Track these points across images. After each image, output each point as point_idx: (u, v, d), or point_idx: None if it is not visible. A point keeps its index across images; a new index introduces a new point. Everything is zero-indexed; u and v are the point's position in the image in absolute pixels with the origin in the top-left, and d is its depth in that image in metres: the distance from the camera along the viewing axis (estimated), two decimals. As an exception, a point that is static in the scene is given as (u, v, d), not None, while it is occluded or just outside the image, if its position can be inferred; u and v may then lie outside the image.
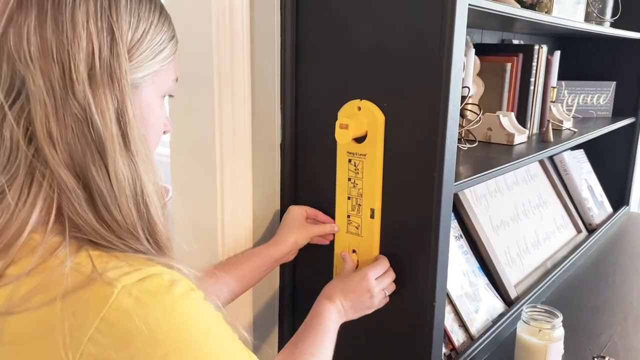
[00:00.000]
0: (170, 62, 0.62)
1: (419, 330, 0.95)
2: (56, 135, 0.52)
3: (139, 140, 0.56)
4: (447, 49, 0.84)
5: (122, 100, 0.54)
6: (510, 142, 1.40)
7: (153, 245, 0.57)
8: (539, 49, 1.50)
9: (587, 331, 1.30)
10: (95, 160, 0.53)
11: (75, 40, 0.52)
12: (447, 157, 0.88)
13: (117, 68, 0.54)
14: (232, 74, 0.93)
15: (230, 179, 0.95)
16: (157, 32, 0.59)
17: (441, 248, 0.92)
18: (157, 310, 0.50)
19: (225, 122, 0.93)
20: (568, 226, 1.84)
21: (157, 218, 0.57)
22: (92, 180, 0.53)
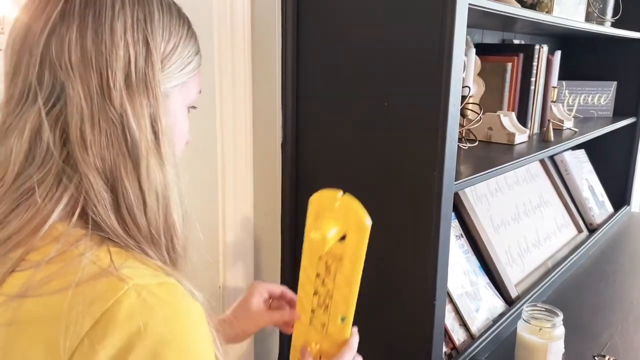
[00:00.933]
0: (195, 74, 0.65)
1: (419, 329, 0.96)
2: (89, 139, 0.54)
3: (169, 146, 0.58)
4: (447, 48, 0.84)
5: (156, 107, 0.57)
6: (510, 141, 1.40)
7: (170, 253, 0.59)
8: (539, 49, 1.50)
9: (587, 330, 1.30)
10: (127, 164, 0.55)
11: (113, 49, 0.55)
12: (447, 156, 0.88)
13: (151, 77, 0.57)
14: (233, 74, 0.93)
15: (232, 179, 0.96)
16: (185, 46, 0.62)
17: (441, 247, 0.92)
18: (160, 317, 0.51)
19: (226, 123, 0.93)
20: (569, 226, 1.84)
21: (179, 224, 0.59)
22: (121, 184, 0.55)
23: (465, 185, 0.98)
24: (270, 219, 1.07)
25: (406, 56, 0.89)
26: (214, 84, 0.91)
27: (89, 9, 0.55)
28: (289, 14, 0.99)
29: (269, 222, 1.07)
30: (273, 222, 1.07)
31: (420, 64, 0.88)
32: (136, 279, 0.51)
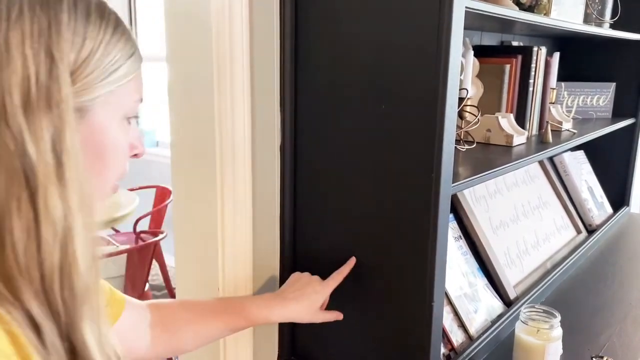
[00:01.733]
0: (129, 81, 0.59)
1: (417, 331, 0.96)
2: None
3: (76, 170, 0.52)
4: (444, 50, 0.85)
5: (60, 127, 0.51)
6: (509, 143, 1.40)
7: (64, 291, 0.52)
8: (537, 51, 1.51)
9: (586, 331, 1.30)
10: (22, 192, 0.49)
11: (9, 64, 0.49)
12: (445, 158, 0.89)
13: (55, 92, 0.51)
14: (231, 77, 0.94)
15: (231, 182, 0.96)
16: (108, 51, 0.56)
17: (439, 249, 0.92)
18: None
19: (224, 125, 0.94)
20: (568, 227, 1.84)
21: (82, 257, 0.52)
22: (9, 215, 0.49)
23: (463, 187, 0.99)
24: (268, 223, 1.07)
25: (403, 58, 0.89)
26: (212, 87, 0.92)
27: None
28: (287, 16, 1.00)
29: (267, 224, 1.07)
30: (272, 224, 1.08)
31: (417, 67, 0.88)
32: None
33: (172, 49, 0.97)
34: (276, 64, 1.02)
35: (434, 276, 0.93)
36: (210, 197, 0.96)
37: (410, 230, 0.94)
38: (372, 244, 1.00)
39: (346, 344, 1.07)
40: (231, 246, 0.99)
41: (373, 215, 0.99)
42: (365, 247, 1.01)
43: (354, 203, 1.01)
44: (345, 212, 1.02)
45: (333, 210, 1.04)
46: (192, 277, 1.03)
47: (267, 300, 0.97)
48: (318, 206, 1.06)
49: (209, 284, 1.00)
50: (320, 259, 1.07)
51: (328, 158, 1.02)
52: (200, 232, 1.00)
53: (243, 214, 1.00)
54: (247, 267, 1.03)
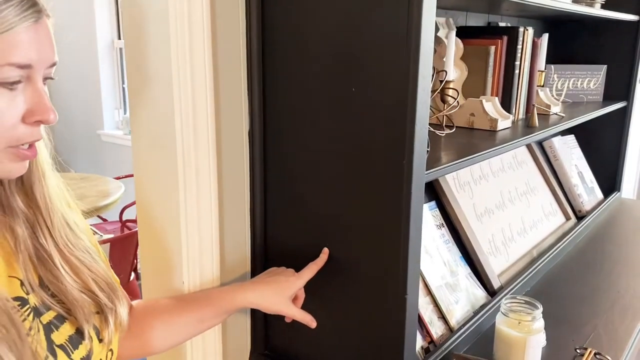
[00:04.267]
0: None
1: (391, 323, 0.92)
2: None
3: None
4: (414, 29, 0.80)
5: None
6: (493, 127, 1.36)
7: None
8: (524, 32, 1.45)
9: (571, 321, 1.26)
10: None
11: None
12: (417, 143, 0.84)
13: None
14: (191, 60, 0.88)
15: (193, 170, 0.91)
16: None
17: (412, 239, 0.88)
18: None
19: (185, 111, 0.89)
20: (556, 213, 1.80)
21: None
22: None
23: (438, 174, 0.94)
24: (237, 210, 1.02)
25: (373, 38, 0.84)
26: (170, 70, 0.86)
27: None
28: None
29: (236, 214, 1.02)
30: (241, 214, 1.03)
31: (388, 47, 0.83)
32: None
33: (127, 27, 0.92)
34: (243, 48, 0.97)
35: (407, 268, 0.88)
36: (172, 186, 0.91)
37: (383, 220, 0.89)
38: (345, 234, 0.96)
39: (320, 337, 1.03)
40: (196, 237, 0.94)
41: (345, 204, 0.94)
42: (339, 238, 0.97)
43: (325, 191, 0.96)
44: (317, 200, 0.98)
45: (305, 198, 0.99)
46: (156, 270, 0.98)
47: (233, 286, 0.93)
48: (289, 195, 1.01)
49: (174, 277, 0.96)
50: (293, 249, 1.03)
51: (299, 144, 0.97)
52: (162, 222, 0.95)
53: (207, 203, 0.95)
54: (214, 259, 0.98)
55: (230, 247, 1.03)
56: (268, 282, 0.93)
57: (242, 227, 1.04)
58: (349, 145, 0.91)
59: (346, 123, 0.90)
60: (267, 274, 0.97)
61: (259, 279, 0.96)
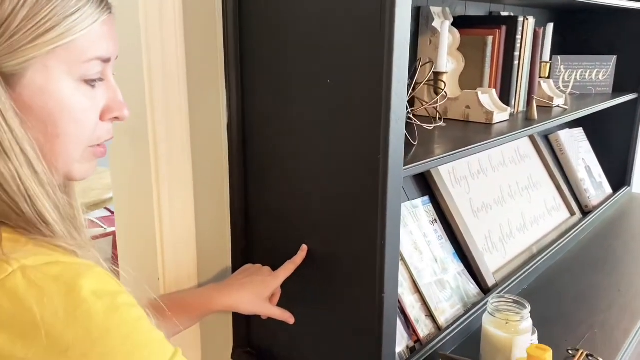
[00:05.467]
0: (74, 41, 0.55)
1: (368, 322, 0.89)
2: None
3: (12, 139, 0.51)
4: (388, 16, 0.76)
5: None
6: (489, 120, 1.31)
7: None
8: (524, 21, 1.40)
9: (567, 321, 1.22)
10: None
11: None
12: (393, 137, 0.81)
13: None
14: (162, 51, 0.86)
15: (165, 164, 0.89)
16: (36, 10, 0.52)
17: (390, 236, 0.85)
18: (56, 297, 0.48)
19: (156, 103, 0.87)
20: (560, 208, 1.75)
21: (50, 220, 0.54)
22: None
23: (419, 169, 0.91)
24: (215, 205, 1.00)
25: (347, 28, 0.81)
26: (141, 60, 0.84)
27: None
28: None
29: (213, 209, 1.00)
30: (219, 209, 1.01)
31: (361, 37, 0.80)
32: (24, 260, 0.49)
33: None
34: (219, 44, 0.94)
35: (384, 266, 0.85)
36: (146, 182, 0.89)
37: (360, 217, 0.87)
38: (324, 229, 0.93)
39: (301, 334, 1.00)
40: (170, 232, 0.92)
41: (323, 198, 0.92)
42: (317, 233, 0.94)
43: (304, 186, 0.94)
44: (297, 195, 0.95)
45: (284, 193, 0.97)
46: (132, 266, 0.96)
47: (208, 290, 0.91)
48: (270, 188, 0.99)
49: (149, 273, 0.94)
50: (275, 243, 1.00)
51: (278, 138, 0.95)
52: (137, 217, 0.93)
53: (182, 199, 0.93)
54: (190, 255, 0.97)
55: (209, 242, 1.01)
56: (243, 284, 0.91)
57: (222, 221, 1.02)
58: (326, 139, 0.88)
59: (323, 116, 0.88)
60: (242, 274, 0.95)
61: (233, 280, 0.94)
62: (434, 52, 1.30)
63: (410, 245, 1.19)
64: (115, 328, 0.51)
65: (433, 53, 1.33)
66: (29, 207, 0.52)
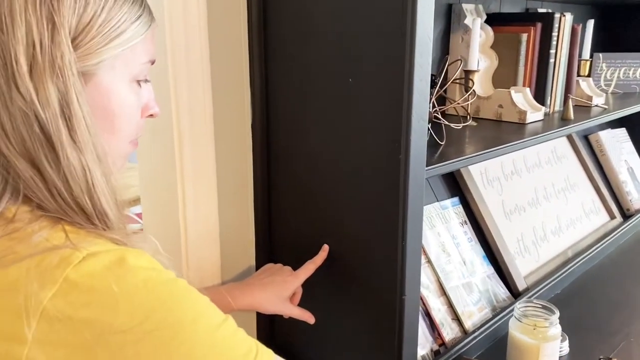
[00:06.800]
0: (136, 44, 0.59)
1: (390, 325, 0.88)
2: (8, 128, 0.52)
3: (86, 131, 0.55)
4: (410, 15, 0.75)
5: (65, 92, 0.53)
6: (522, 120, 1.28)
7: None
8: (560, 18, 1.36)
9: (601, 328, 1.18)
10: (46, 152, 0.53)
11: (14, 32, 0.51)
12: (414, 137, 0.79)
13: (59, 58, 0.52)
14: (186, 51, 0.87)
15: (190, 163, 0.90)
16: (112, 16, 0.56)
17: (411, 239, 0.83)
18: (131, 278, 0.51)
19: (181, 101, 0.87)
20: (599, 212, 1.69)
21: (109, 211, 0.57)
22: (45, 171, 0.54)
23: (443, 169, 0.89)
24: (239, 204, 1.01)
25: (369, 26, 0.80)
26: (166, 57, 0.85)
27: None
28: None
29: (237, 208, 1.01)
30: (243, 208, 1.01)
31: (384, 33, 0.79)
32: (92, 249, 0.52)
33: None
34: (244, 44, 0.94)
35: (405, 268, 0.84)
36: (171, 178, 0.90)
37: (382, 218, 0.85)
38: (346, 229, 0.92)
39: (324, 333, 1.00)
40: (194, 232, 0.93)
41: (346, 199, 0.91)
42: (339, 233, 0.94)
43: (327, 185, 0.93)
44: (319, 194, 0.95)
45: (307, 192, 0.96)
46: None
47: (230, 289, 0.91)
48: (293, 189, 0.98)
49: (173, 269, 0.95)
50: (298, 244, 1.00)
51: (301, 137, 0.94)
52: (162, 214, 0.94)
53: (206, 198, 0.94)
54: (214, 254, 0.97)
55: (232, 240, 1.02)
56: (264, 284, 0.91)
57: (245, 220, 1.02)
58: (348, 138, 0.87)
59: (344, 115, 0.87)
60: (264, 273, 0.95)
61: (255, 279, 0.94)
62: (466, 50, 1.28)
63: (437, 247, 1.17)
64: (181, 293, 0.54)
65: (465, 51, 1.30)
66: (93, 200, 0.55)
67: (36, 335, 0.48)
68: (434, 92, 1.06)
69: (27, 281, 0.49)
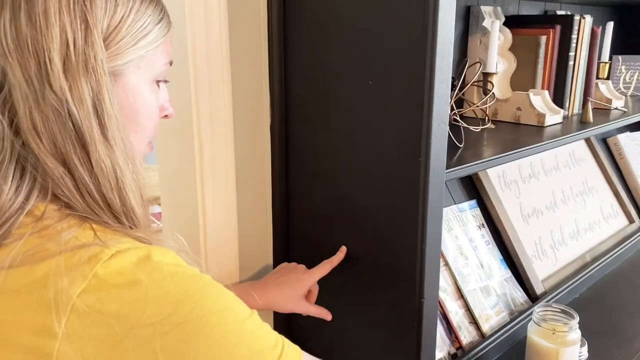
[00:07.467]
0: (158, 46, 0.61)
1: (408, 327, 0.88)
2: (39, 127, 0.53)
3: (117, 129, 0.56)
4: (432, 14, 0.75)
5: (98, 90, 0.54)
6: (540, 123, 1.27)
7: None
8: (580, 20, 1.35)
9: (620, 333, 1.17)
10: (77, 150, 0.54)
11: (48, 31, 0.52)
12: (435, 140, 0.79)
13: (92, 57, 0.54)
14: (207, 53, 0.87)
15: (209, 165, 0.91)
16: (138, 17, 0.58)
17: (430, 242, 0.83)
18: (158, 273, 0.52)
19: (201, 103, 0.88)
20: (618, 215, 1.67)
21: (137, 209, 0.58)
22: (75, 169, 0.54)
23: (462, 172, 0.89)
24: (257, 204, 1.01)
25: (389, 28, 0.80)
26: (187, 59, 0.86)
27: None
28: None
29: (255, 208, 1.01)
30: (261, 208, 1.02)
31: (404, 35, 0.79)
32: (120, 246, 0.53)
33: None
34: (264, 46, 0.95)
35: (424, 270, 0.84)
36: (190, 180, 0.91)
37: (401, 220, 0.85)
38: (365, 231, 0.92)
39: (342, 333, 1.00)
40: (213, 232, 0.94)
41: (365, 200, 0.91)
42: (358, 235, 0.94)
43: (345, 187, 0.93)
44: (338, 196, 0.95)
45: (326, 193, 0.97)
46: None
47: (245, 288, 0.92)
48: (311, 190, 0.99)
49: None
50: (315, 245, 1.00)
51: (319, 139, 0.95)
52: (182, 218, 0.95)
53: (225, 198, 0.94)
54: (232, 253, 0.98)
55: (251, 240, 1.02)
56: (279, 284, 0.92)
57: (263, 220, 1.02)
58: (367, 141, 0.87)
59: (363, 117, 0.87)
60: (278, 272, 0.95)
61: (270, 279, 0.95)
62: (484, 53, 1.27)
63: (455, 250, 1.17)
64: (207, 287, 0.55)
65: (483, 53, 1.30)
66: (122, 198, 0.56)
67: (66, 330, 0.49)
68: (453, 94, 1.06)
69: (57, 277, 0.50)
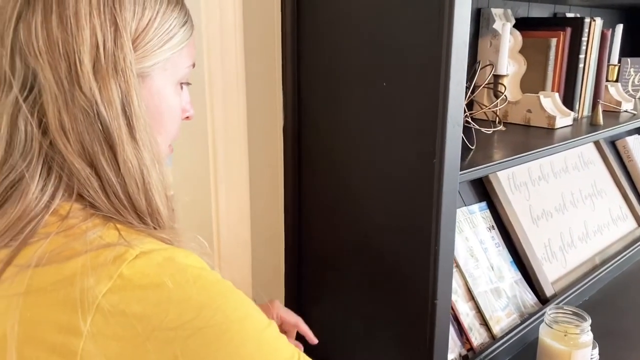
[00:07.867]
0: (182, 48, 0.62)
1: (420, 328, 0.88)
2: (68, 127, 0.54)
3: (144, 130, 0.57)
4: (447, 17, 0.75)
5: (127, 92, 0.55)
6: (551, 125, 1.27)
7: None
8: (590, 22, 1.35)
9: (630, 336, 1.17)
10: (105, 151, 0.55)
11: (79, 33, 0.53)
12: (449, 142, 0.80)
13: (121, 59, 0.54)
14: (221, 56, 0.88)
15: (223, 166, 0.91)
16: (165, 20, 0.59)
17: (444, 243, 0.84)
18: (182, 275, 0.52)
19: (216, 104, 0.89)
20: (627, 218, 1.67)
21: (162, 209, 0.59)
22: (102, 170, 0.55)
23: (475, 174, 0.89)
24: (270, 206, 1.02)
25: (404, 30, 0.80)
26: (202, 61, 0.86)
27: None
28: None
29: (269, 211, 1.02)
30: (274, 210, 1.02)
31: (419, 38, 0.79)
32: (144, 247, 0.53)
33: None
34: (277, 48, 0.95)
35: (437, 272, 0.84)
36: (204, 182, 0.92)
37: (414, 221, 0.86)
38: (377, 233, 0.93)
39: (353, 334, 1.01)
40: (227, 235, 0.94)
41: (378, 202, 0.91)
42: (371, 237, 0.94)
43: (358, 189, 0.93)
44: (350, 198, 0.95)
45: (338, 195, 0.97)
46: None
47: None
48: (324, 191, 0.99)
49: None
50: (327, 246, 1.01)
51: (332, 141, 0.95)
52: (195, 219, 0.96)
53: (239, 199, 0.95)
54: (245, 256, 0.98)
55: (263, 243, 1.03)
56: None
57: (276, 222, 1.03)
58: (380, 142, 0.88)
59: (377, 119, 0.87)
60: None
61: None
62: (495, 55, 1.28)
63: (465, 251, 1.17)
64: (230, 293, 0.55)
65: (493, 55, 1.30)
66: (148, 198, 0.57)
67: (91, 329, 0.49)
68: (465, 96, 1.06)
69: (84, 276, 0.50)
